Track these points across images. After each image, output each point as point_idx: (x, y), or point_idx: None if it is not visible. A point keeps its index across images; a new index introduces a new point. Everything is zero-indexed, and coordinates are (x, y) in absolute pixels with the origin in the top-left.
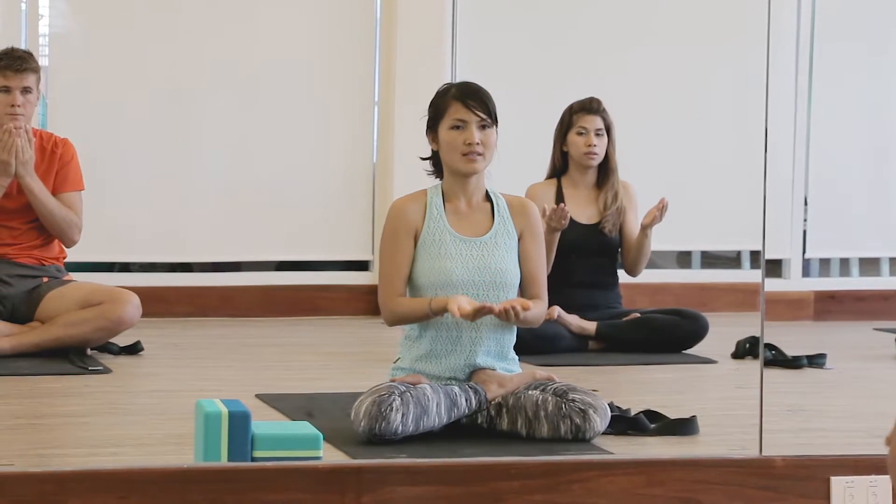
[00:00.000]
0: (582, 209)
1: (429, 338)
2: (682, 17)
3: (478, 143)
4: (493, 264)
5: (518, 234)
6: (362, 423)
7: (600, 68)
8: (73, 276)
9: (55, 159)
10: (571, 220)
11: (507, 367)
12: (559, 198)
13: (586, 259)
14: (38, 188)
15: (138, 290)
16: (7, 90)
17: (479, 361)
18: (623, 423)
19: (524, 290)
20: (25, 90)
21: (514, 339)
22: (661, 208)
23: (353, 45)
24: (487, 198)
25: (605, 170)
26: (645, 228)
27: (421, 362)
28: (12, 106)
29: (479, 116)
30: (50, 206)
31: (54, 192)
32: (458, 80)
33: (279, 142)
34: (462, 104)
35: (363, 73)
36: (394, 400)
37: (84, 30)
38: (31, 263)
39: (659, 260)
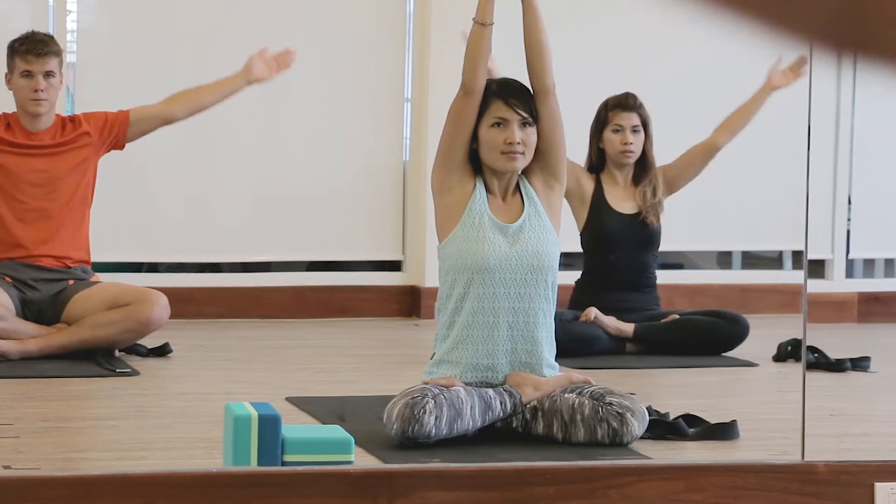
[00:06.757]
0: (622, 202)
1: (461, 323)
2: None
3: (519, 143)
4: (530, 248)
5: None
6: (395, 426)
7: (637, 63)
8: (101, 276)
9: (101, 127)
10: (613, 210)
11: (541, 370)
12: (598, 193)
13: (627, 255)
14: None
15: (167, 291)
16: (29, 75)
17: (520, 347)
18: (661, 428)
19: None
20: (48, 74)
21: (552, 326)
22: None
23: (384, 41)
24: (517, 185)
25: (643, 166)
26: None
27: (457, 350)
28: (36, 91)
29: (520, 115)
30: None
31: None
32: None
33: (309, 140)
34: (503, 102)
35: (394, 69)
36: (427, 402)
37: (113, 25)
38: (55, 266)
39: (699, 260)
